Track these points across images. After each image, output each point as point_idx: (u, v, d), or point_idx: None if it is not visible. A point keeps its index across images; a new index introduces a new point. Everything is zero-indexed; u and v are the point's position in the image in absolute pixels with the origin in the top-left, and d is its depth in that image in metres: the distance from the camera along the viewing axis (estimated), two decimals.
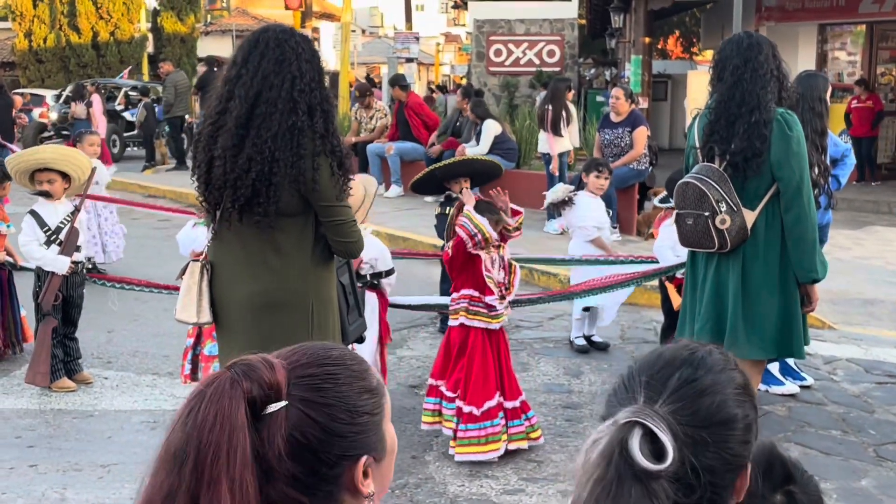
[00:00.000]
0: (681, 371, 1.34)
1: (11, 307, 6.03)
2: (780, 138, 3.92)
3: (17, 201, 8.43)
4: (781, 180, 3.95)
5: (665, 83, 22.53)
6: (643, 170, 10.09)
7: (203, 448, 1.14)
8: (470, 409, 4.46)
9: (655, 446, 1.22)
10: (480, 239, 4.37)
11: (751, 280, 4.04)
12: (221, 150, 3.18)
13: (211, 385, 1.18)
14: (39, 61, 30.98)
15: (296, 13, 16.80)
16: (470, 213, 4.42)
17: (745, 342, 4.05)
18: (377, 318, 4.96)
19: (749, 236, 4.01)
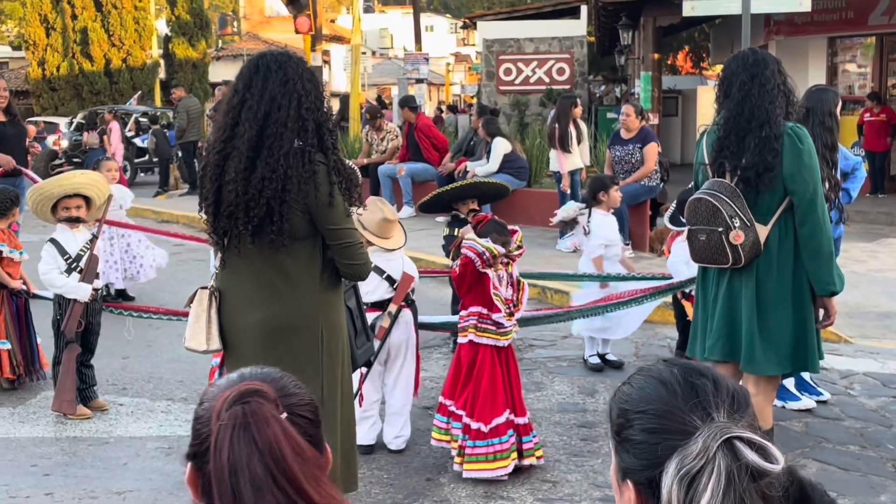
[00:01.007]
0: (725, 385, 1.37)
1: (29, 335, 6.04)
2: (792, 152, 3.91)
3: (29, 230, 8.49)
4: (795, 194, 3.94)
5: (675, 99, 22.54)
6: (654, 186, 10.08)
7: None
8: (478, 426, 4.47)
9: (762, 453, 1.25)
10: (489, 257, 4.39)
11: (765, 295, 4.02)
12: (234, 174, 3.19)
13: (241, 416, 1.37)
14: (53, 89, 31.26)
15: (306, 37, 16.87)
16: (473, 237, 4.46)
17: (761, 358, 4.03)
18: (414, 334, 5.00)
19: (762, 251, 4.00)
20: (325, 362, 3.37)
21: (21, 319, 6.01)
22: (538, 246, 10.65)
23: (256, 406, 1.37)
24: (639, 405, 1.37)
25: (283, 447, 1.35)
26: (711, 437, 1.25)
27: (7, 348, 5.91)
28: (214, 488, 1.35)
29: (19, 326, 6.00)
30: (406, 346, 4.95)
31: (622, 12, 17.67)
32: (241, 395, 1.39)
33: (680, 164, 19.92)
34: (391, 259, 4.92)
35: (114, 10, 31.12)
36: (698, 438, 1.26)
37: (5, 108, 8.38)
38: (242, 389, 1.40)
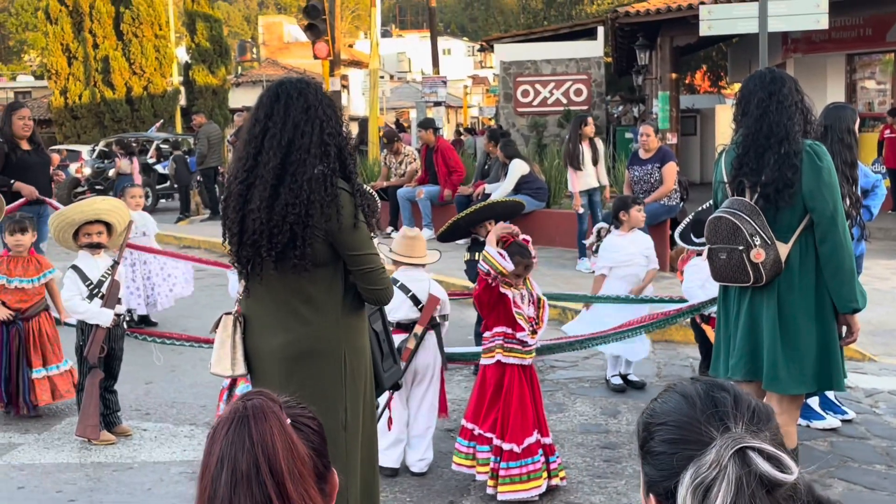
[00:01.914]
0: (746, 400, 1.39)
1: (18, 367, 6.00)
2: (811, 169, 3.91)
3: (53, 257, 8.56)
4: (815, 211, 3.93)
5: (694, 118, 22.51)
6: (674, 205, 10.07)
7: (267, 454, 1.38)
8: (510, 447, 4.46)
9: (776, 463, 1.27)
10: (495, 275, 4.41)
11: (787, 313, 4.01)
12: (258, 203, 3.22)
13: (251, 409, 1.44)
14: (75, 117, 31.62)
15: (325, 62, 17.02)
16: (486, 252, 4.47)
17: (785, 377, 4.00)
18: (440, 356, 5.02)
19: (783, 269, 3.99)
20: (348, 386, 3.37)
21: (10, 349, 6.01)
22: (558, 266, 10.66)
23: (258, 401, 1.43)
24: (660, 417, 1.42)
25: (276, 442, 1.39)
26: (725, 446, 1.27)
27: None
28: (197, 481, 1.39)
29: (6, 353, 6.00)
30: (432, 369, 4.96)
31: (639, 33, 17.73)
32: (244, 395, 1.47)
33: (699, 183, 19.87)
34: (419, 280, 4.95)
35: (134, 38, 31.49)
36: (713, 448, 1.28)
37: (29, 136, 8.50)
38: (246, 392, 1.49)
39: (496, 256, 4.41)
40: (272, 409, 1.42)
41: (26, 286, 6.06)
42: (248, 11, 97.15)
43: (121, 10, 31.41)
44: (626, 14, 16.05)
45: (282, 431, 1.39)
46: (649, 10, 15.54)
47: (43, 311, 6.15)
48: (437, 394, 5.04)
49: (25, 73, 60.34)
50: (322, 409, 3.34)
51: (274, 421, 1.40)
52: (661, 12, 15.18)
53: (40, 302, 6.14)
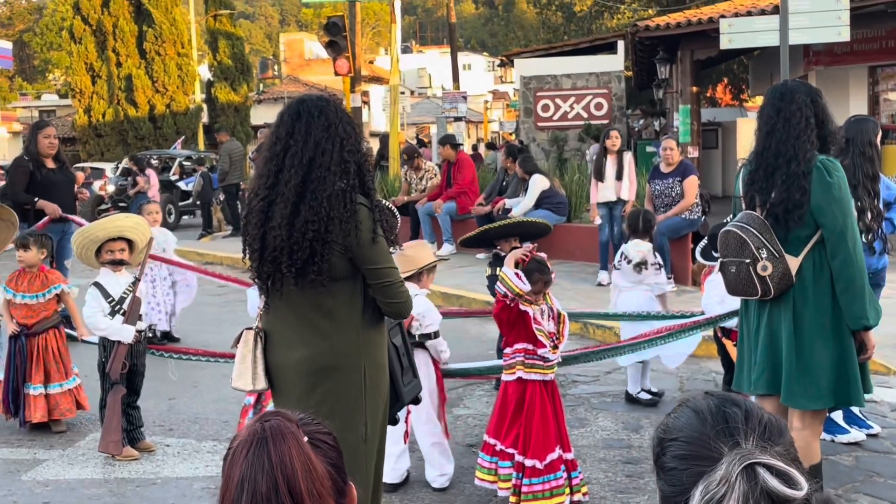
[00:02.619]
0: (757, 415, 1.39)
1: (15, 379, 6.07)
2: (820, 185, 3.90)
3: (76, 273, 8.64)
4: (824, 227, 3.92)
5: (715, 131, 22.46)
6: (696, 219, 10.04)
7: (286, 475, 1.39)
8: (533, 463, 4.45)
9: (785, 479, 1.27)
10: (512, 297, 4.41)
11: (803, 328, 3.99)
12: (280, 219, 3.25)
13: (260, 431, 1.43)
14: (99, 135, 31.93)
15: (345, 78, 17.13)
16: (503, 274, 4.47)
17: (800, 392, 3.99)
18: (435, 377, 5.00)
19: (794, 283, 3.97)
20: (368, 400, 3.39)
21: (15, 363, 6.08)
22: (579, 281, 10.64)
23: (276, 423, 1.44)
24: (672, 433, 1.43)
25: (294, 463, 1.40)
26: (733, 463, 1.27)
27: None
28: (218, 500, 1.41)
29: (12, 366, 6.08)
30: (426, 385, 4.91)
31: (659, 46, 17.71)
32: (262, 417, 1.47)
33: (721, 197, 19.80)
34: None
35: (157, 56, 31.80)
36: (722, 465, 1.28)
37: (54, 155, 8.60)
38: (264, 413, 1.49)
39: (513, 278, 4.42)
40: (290, 429, 1.43)
41: (30, 302, 6.11)
42: (269, 29, 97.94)
43: (144, 29, 31.74)
44: (646, 28, 16.05)
45: (300, 452, 1.40)
46: (669, 24, 15.53)
47: (52, 327, 6.18)
48: (434, 411, 5.00)
49: (50, 92, 61.03)
50: (343, 423, 3.37)
51: (292, 442, 1.41)
52: (681, 26, 15.17)
53: (49, 318, 6.17)
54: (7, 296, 6.15)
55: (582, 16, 37.19)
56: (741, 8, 14.87)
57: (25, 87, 68.48)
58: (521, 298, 4.44)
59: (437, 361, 5.07)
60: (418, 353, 4.92)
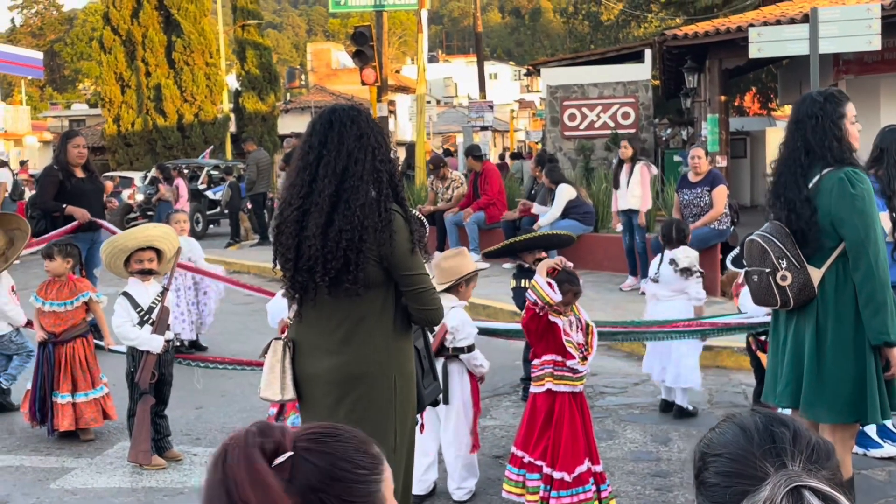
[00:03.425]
0: (806, 436, 1.36)
1: (42, 387, 6.10)
2: (841, 196, 3.86)
3: (106, 282, 8.69)
4: (846, 238, 3.89)
5: (744, 140, 22.30)
6: (725, 229, 9.96)
7: (231, 488, 1.33)
8: (561, 476, 4.42)
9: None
10: (542, 305, 4.38)
11: (825, 340, 3.94)
12: (314, 229, 3.24)
13: (231, 440, 1.38)
14: (128, 145, 32.21)
15: (372, 88, 17.17)
16: (535, 282, 4.44)
17: (820, 406, 3.94)
18: (469, 388, 4.97)
19: (816, 294, 3.93)
20: (398, 410, 3.38)
21: (42, 371, 6.11)
22: (606, 291, 10.58)
23: (237, 438, 1.39)
24: (716, 449, 1.40)
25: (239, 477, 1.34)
26: (779, 484, 1.24)
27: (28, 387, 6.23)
28: None
29: (40, 374, 6.12)
30: (458, 399, 4.90)
31: (687, 55, 17.61)
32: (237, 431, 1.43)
33: (750, 207, 19.64)
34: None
35: (186, 66, 32.05)
36: (767, 485, 1.25)
37: (84, 164, 8.67)
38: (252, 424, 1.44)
39: (544, 287, 4.39)
40: (245, 444, 1.37)
41: (58, 309, 6.15)
42: (296, 39, 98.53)
43: (173, 39, 32.02)
44: (673, 37, 15.97)
45: (248, 468, 1.35)
46: (697, 33, 15.44)
47: (80, 336, 6.22)
48: (465, 424, 4.96)
49: (80, 101, 61.69)
50: (372, 433, 3.32)
51: (240, 456, 1.36)
52: (709, 35, 15.08)
53: (76, 327, 6.21)
54: (36, 304, 6.20)
55: (609, 25, 37.08)
56: (770, 17, 14.76)
57: (56, 96, 69.28)
58: (551, 308, 4.41)
59: (472, 375, 5.04)
60: (453, 365, 4.91)
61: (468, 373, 4.99)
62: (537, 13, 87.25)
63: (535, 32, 73.84)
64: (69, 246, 6.45)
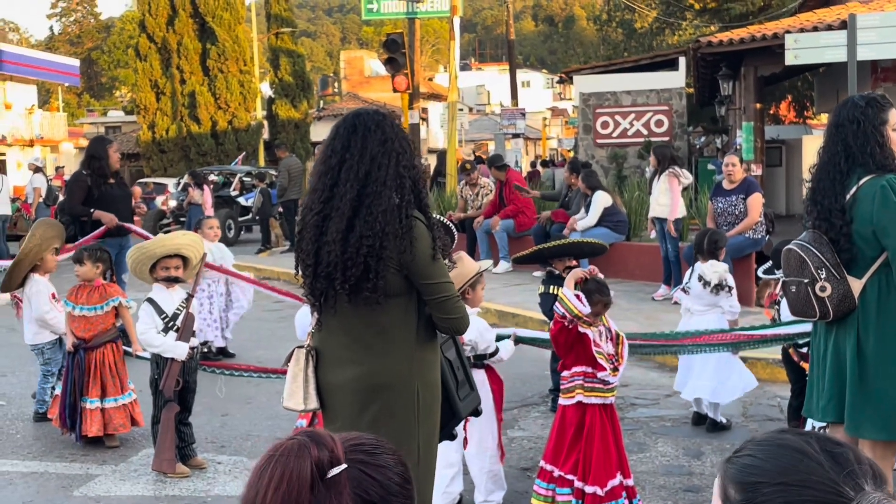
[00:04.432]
0: (863, 456, 1.28)
1: (73, 393, 6.07)
2: (884, 205, 3.76)
3: (135, 287, 8.69)
4: (888, 248, 3.78)
5: (779, 148, 22.03)
6: (760, 238, 9.79)
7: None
8: (593, 490, 4.31)
9: None
10: (571, 318, 4.27)
11: (866, 353, 3.82)
12: (334, 234, 3.18)
13: (279, 448, 1.33)
14: (162, 151, 32.45)
15: (404, 95, 17.16)
16: (563, 295, 4.33)
17: (862, 421, 3.81)
18: (490, 398, 4.87)
19: (856, 305, 3.81)
20: (421, 421, 3.30)
21: (73, 377, 6.09)
22: (638, 301, 10.44)
23: (293, 443, 1.34)
24: (772, 476, 1.25)
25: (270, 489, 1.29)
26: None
27: (57, 393, 6.24)
28: None
29: (70, 380, 6.10)
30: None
31: (722, 63, 17.42)
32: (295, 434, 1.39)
33: (785, 215, 19.38)
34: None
35: (220, 74, 32.26)
36: None
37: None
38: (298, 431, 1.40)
39: (572, 300, 4.28)
40: (302, 453, 1.33)
41: (88, 314, 6.13)
42: (330, 46, 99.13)
43: (207, 47, 32.25)
44: (708, 44, 15.80)
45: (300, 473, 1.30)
46: (732, 40, 15.26)
47: (110, 342, 6.20)
48: (489, 435, 4.85)
49: (116, 108, 62.40)
50: (395, 444, 3.27)
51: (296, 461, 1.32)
52: (744, 42, 14.89)
53: (107, 332, 6.19)
54: (67, 308, 6.19)
55: (643, 32, 36.89)
56: (807, 23, 14.55)
57: (93, 103, 70.15)
58: (580, 321, 4.30)
59: (498, 381, 4.94)
60: (475, 373, 4.80)
61: (490, 382, 4.89)
62: (570, 21, 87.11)
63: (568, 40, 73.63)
64: (99, 251, 6.44)
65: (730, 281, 6.12)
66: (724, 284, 6.06)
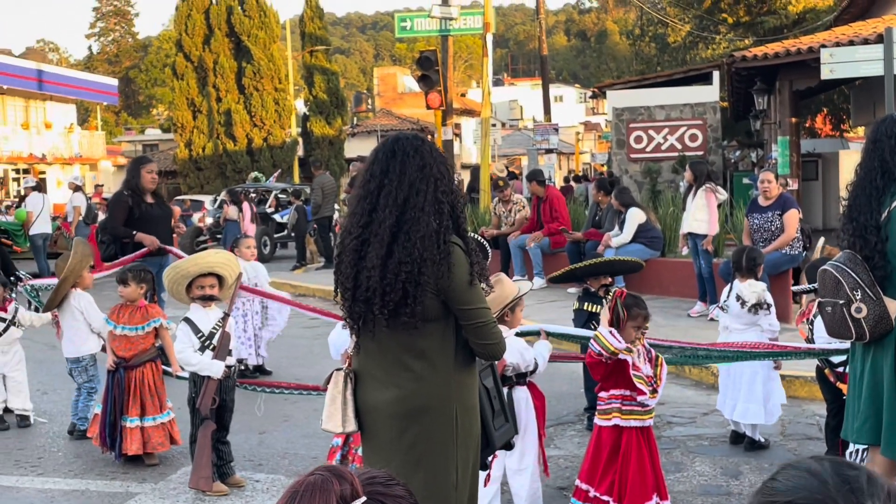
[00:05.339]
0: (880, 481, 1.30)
1: (113, 412, 6.15)
2: None
3: (173, 306, 8.79)
4: None
5: (815, 162, 21.84)
6: (797, 254, 9.71)
7: None
8: None
9: None
10: (607, 356, 4.28)
11: None
12: (374, 259, 3.20)
13: (302, 484, 1.35)
14: (199, 169, 32.83)
15: (437, 111, 17.22)
16: (599, 334, 4.34)
17: None
18: (533, 414, 4.87)
19: (893, 326, 3.78)
20: (459, 445, 3.31)
21: (113, 396, 6.17)
22: (674, 317, 10.38)
23: (316, 478, 1.38)
24: (785, 497, 1.30)
25: None
26: None
27: (97, 412, 6.32)
28: None
29: (110, 399, 6.17)
30: (524, 430, 4.79)
31: (756, 76, 17.33)
32: (312, 471, 1.42)
33: (822, 230, 19.19)
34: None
35: (255, 92, 32.61)
36: None
37: (153, 190, 8.81)
38: (318, 467, 1.43)
39: (608, 337, 4.29)
40: (325, 486, 1.37)
41: (129, 333, 6.22)
42: (363, 63, 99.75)
43: (243, 65, 32.63)
44: (742, 58, 15.72)
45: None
46: (767, 54, 15.18)
47: (149, 361, 6.27)
48: (531, 452, 4.82)
49: (154, 126, 63.19)
50: (433, 469, 3.30)
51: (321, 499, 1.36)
52: (779, 56, 14.81)
53: (146, 351, 6.27)
54: (108, 327, 6.29)
55: (676, 46, 36.78)
56: (843, 37, 14.44)
57: (131, 121, 71.11)
58: (616, 356, 4.31)
59: (540, 397, 4.93)
60: (517, 392, 4.80)
61: (532, 398, 4.89)
62: (603, 36, 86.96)
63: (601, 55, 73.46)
64: (143, 271, 6.53)
65: (768, 299, 6.07)
66: (763, 303, 6.01)
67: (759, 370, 6.05)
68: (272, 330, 8.80)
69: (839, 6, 22.80)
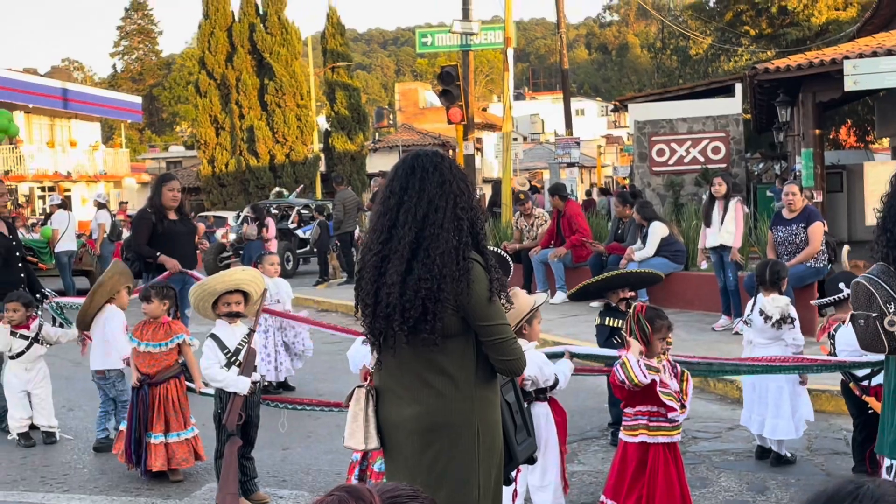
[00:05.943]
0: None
1: (137, 429, 6.17)
2: None
3: (198, 322, 8.83)
4: None
5: (840, 174, 21.70)
6: (822, 267, 9.63)
7: None
8: None
9: None
10: (630, 386, 4.26)
11: None
12: (394, 276, 3.21)
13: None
14: (222, 185, 33.04)
15: (458, 126, 17.26)
16: (626, 362, 4.32)
17: None
18: (554, 430, 4.85)
19: None
20: (481, 462, 3.30)
21: (138, 413, 6.19)
22: (697, 332, 10.32)
23: (333, 499, 1.39)
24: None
25: None
26: None
27: (122, 428, 6.35)
28: None
29: (135, 416, 6.20)
30: (542, 443, 4.76)
31: (779, 89, 17.24)
32: (329, 492, 1.43)
33: (848, 242, 19.03)
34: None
35: (278, 108, 32.81)
36: None
37: (177, 207, 8.86)
38: (336, 487, 1.44)
39: (634, 368, 4.27)
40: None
41: (153, 350, 6.26)
42: (385, 79, 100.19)
43: (265, 82, 32.85)
44: (765, 70, 15.65)
45: None
46: (790, 66, 15.11)
47: (173, 377, 6.30)
48: (553, 467, 4.80)
49: (177, 143, 63.69)
50: (456, 485, 3.29)
51: None
52: (802, 68, 14.73)
53: (170, 368, 6.30)
54: (132, 344, 6.33)
55: (697, 59, 36.71)
56: (866, 48, 14.34)
57: (154, 139, 71.72)
58: (637, 387, 4.30)
59: (561, 412, 4.91)
60: (537, 408, 4.79)
61: (553, 413, 4.87)
62: (624, 49, 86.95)
63: (622, 68, 73.46)
64: (166, 288, 6.58)
65: (792, 313, 6.02)
66: (787, 317, 5.96)
67: (784, 385, 6.00)
68: (304, 343, 8.83)
69: (862, 17, 22.69)
